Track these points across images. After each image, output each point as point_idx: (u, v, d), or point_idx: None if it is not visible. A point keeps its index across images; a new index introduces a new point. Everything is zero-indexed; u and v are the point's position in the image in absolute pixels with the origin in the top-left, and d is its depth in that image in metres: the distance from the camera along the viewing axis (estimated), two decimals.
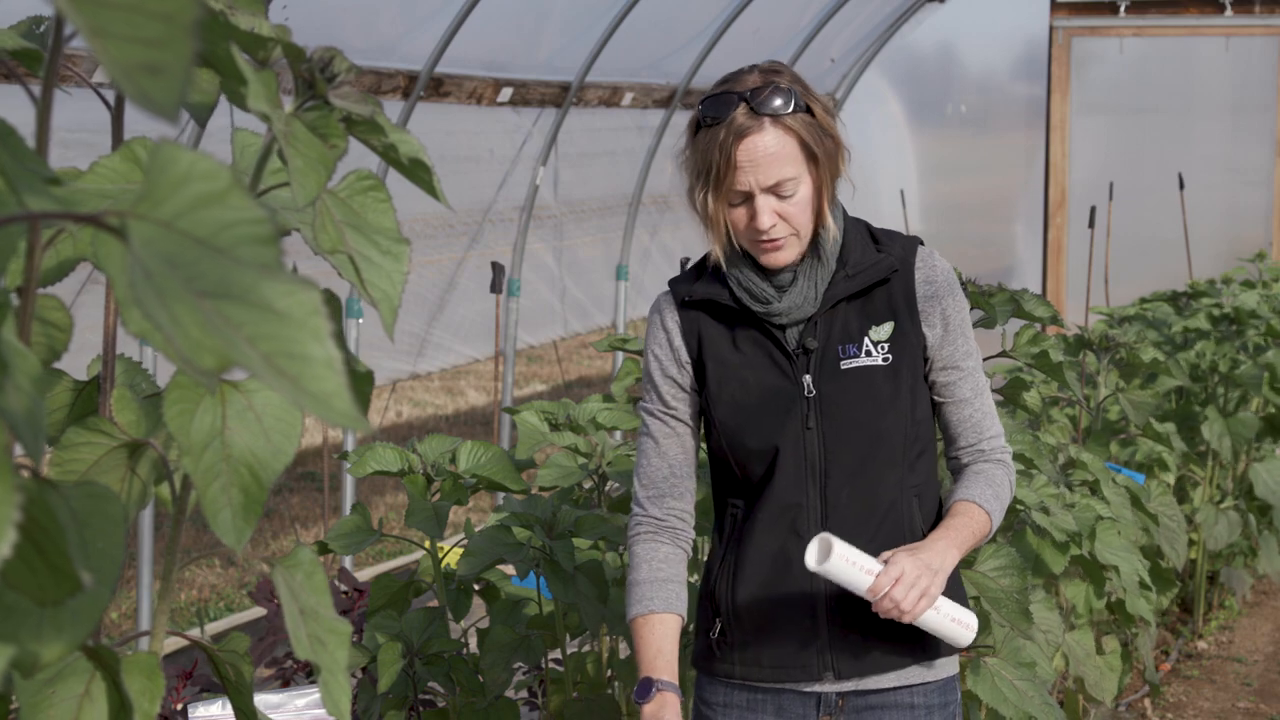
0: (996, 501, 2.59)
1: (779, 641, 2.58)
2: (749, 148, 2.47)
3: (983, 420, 2.62)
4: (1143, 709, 5.71)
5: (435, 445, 3.49)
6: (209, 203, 0.83)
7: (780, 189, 2.49)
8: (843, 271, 2.57)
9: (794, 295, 2.55)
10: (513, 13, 7.60)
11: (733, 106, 2.48)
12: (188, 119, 4.98)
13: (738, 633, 2.60)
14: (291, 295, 0.80)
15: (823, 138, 2.51)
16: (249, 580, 7.44)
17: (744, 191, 2.49)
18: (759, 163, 2.47)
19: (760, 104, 2.47)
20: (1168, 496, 5.04)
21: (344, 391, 0.80)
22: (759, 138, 2.47)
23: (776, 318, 2.57)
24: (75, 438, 1.32)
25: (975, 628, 2.55)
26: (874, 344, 2.56)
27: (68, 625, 0.94)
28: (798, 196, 2.50)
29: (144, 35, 0.74)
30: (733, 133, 2.47)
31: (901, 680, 2.60)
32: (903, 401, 2.55)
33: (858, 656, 2.57)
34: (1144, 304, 7.27)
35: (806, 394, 2.55)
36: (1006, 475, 2.63)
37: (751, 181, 2.48)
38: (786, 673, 2.58)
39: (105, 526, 0.93)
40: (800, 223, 2.52)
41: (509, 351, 7.95)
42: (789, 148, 2.48)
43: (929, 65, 11.19)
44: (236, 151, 1.34)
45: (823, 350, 2.56)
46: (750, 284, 2.57)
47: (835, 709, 2.60)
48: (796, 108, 2.49)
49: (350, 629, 1.26)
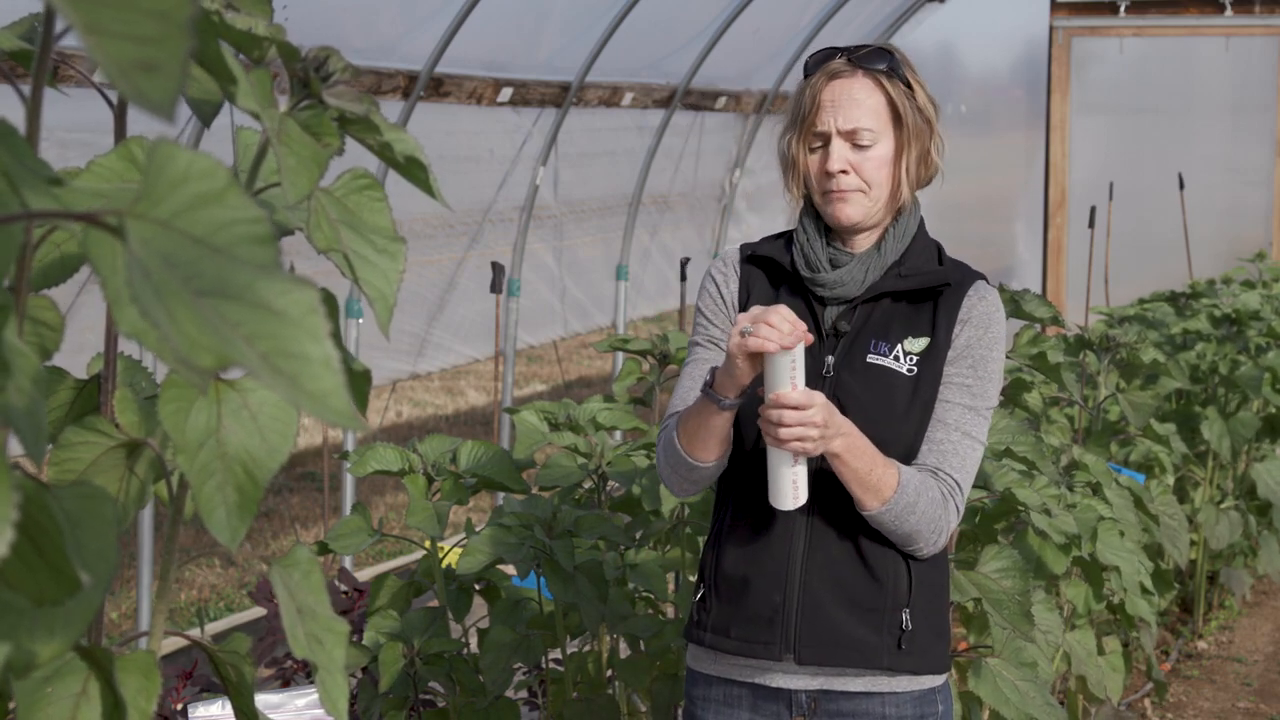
0: (915, 492, 2.48)
1: (748, 614, 2.58)
2: (835, 89, 2.53)
3: (951, 455, 2.54)
4: (1143, 709, 5.71)
5: (435, 445, 3.49)
6: (207, 202, 0.83)
7: (857, 137, 2.53)
8: (897, 269, 2.58)
9: (843, 272, 2.57)
10: (513, 13, 7.60)
11: (833, 58, 2.56)
12: (190, 118, 4.98)
13: (715, 601, 2.61)
14: (289, 294, 0.80)
15: (915, 110, 2.55)
16: (249, 580, 7.44)
17: (823, 133, 2.54)
18: (840, 104, 2.52)
19: (860, 58, 2.54)
20: (1168, 496, 5.04)
21: (341, 390, 0.80)
22: (848, 81, 2.53)
23: (820, 289, 2.58)
24: (73, 437, 1.32)
25: (797, 505, 2.46)
26: (905, 353, 2.56)
27: (60, 626, 0.94)
28: (873, 153, 2.53)
29: (139, 32, 0.74)
30: (824, 74, 2.55)
31: (872, 687, 2.57)
32: (914, 416, 2.54)
33: (822, 644, 2.55)
34: (1144, 304, 7.26)
35: (824, 374, 2.55)
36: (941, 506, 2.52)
37: (831, 122, 2.52)
38: (750, 647, 2.57)
39: (98, 527, 0.93)
40: (872, 179, 2.54)
41: (509, 351, 7.95)
42: (874, 100, 2.53)
43: (929, 65, 11.18)
44: (239, 150, 1.34)
45: (854, 338, 2.56)
46: (810, 249, 2.59)
47: (807, 711, 2.58)
48: (894, 73, 2.54)
49: (348, 628, 1.26)
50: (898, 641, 2.56)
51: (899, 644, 2.56)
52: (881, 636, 2.55)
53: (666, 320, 12.85)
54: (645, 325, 12.61)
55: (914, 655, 2.57)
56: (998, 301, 2.62)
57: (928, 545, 2.54)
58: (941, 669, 2.62)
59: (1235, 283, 7.81)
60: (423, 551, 3.54)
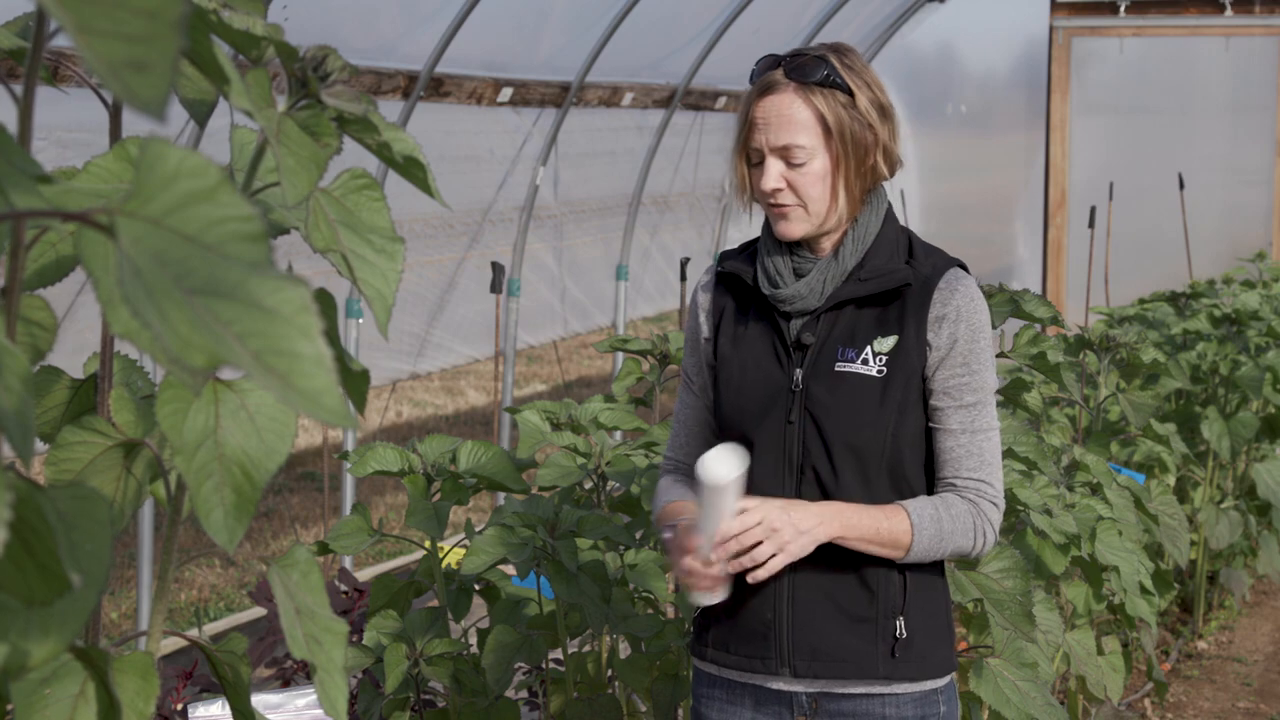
0: (933, 524, 2.49)
1: (744, 632, 2.59)
2: (766, 106, 2.50)
3: (965, 458, 2.54)
4: (1143, 709, 5.71)
5: (435, 445, 3.49)
6: (198, 200, 0.83)
7: (789, 154, 2.50)
8: (857, 274, 2.55)
9: (801, 285, 2.55)
10: (513, 13, 7.60)
11: (771, 68, 2.52)
12: (187, 119, 4.98)
13: (713, 619, 2.63)
14: (280, 292, 0.80)
15: (852, 121, 2.50)
16: (249, 580, 7.44)
17: (759, 150, 2.52)
18: (771, 122, 2.49)
19: (793, 70, 2.49)
20: (1168, 496, 5.04)
21: (333, 389, 0.80)
22: (778, 97, 2.49)
23: (781, 304, 2.56)
24: (71, 437, 1.31)
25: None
26: (874, 354, 2.53)
27: (54, 627, 0.94)
28: (808, 169, 2.50)
29: (129, 31, 0.73)
30: (757, 89, 2.52)
31: (871, 689, 2.56)
32: (886, 418, 2.51)
33: (815, 657, 2.54)
34: (1144, 304, 7.26)
35: (793, 388, 2.53)
36: (971, 514, 2.53)
37: (763, 140, 2.50)
38: (749, 663, 2.59)
39: (92, 528, 0.92)
40: (808, 196, 2.51)
41: (509, 351, 7.95)
42: (806, 115, 2.49)
43: (929, 65, 11.19)
44: (235, 149, 1.34)
45: (819, 348, 2.54)
46: (770, 263, 2.58)
47: (809, 711, 2.58)
48: (830, 83, 2.49)
49: (347, 629, 1.26)
50: (891, 650, 2.54)
51: (892, 652, 2.54)
52: (875, 645, 2.54)
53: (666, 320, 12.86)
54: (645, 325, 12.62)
55: (910, 662, 2.55)
56: (973, 287, 2.57)
57: (977, 551, 2.56)
58: (942, 672, 2.60)
59: (1235, 283, 7.81)
60: (422, 551, 3.54)
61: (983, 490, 2.55)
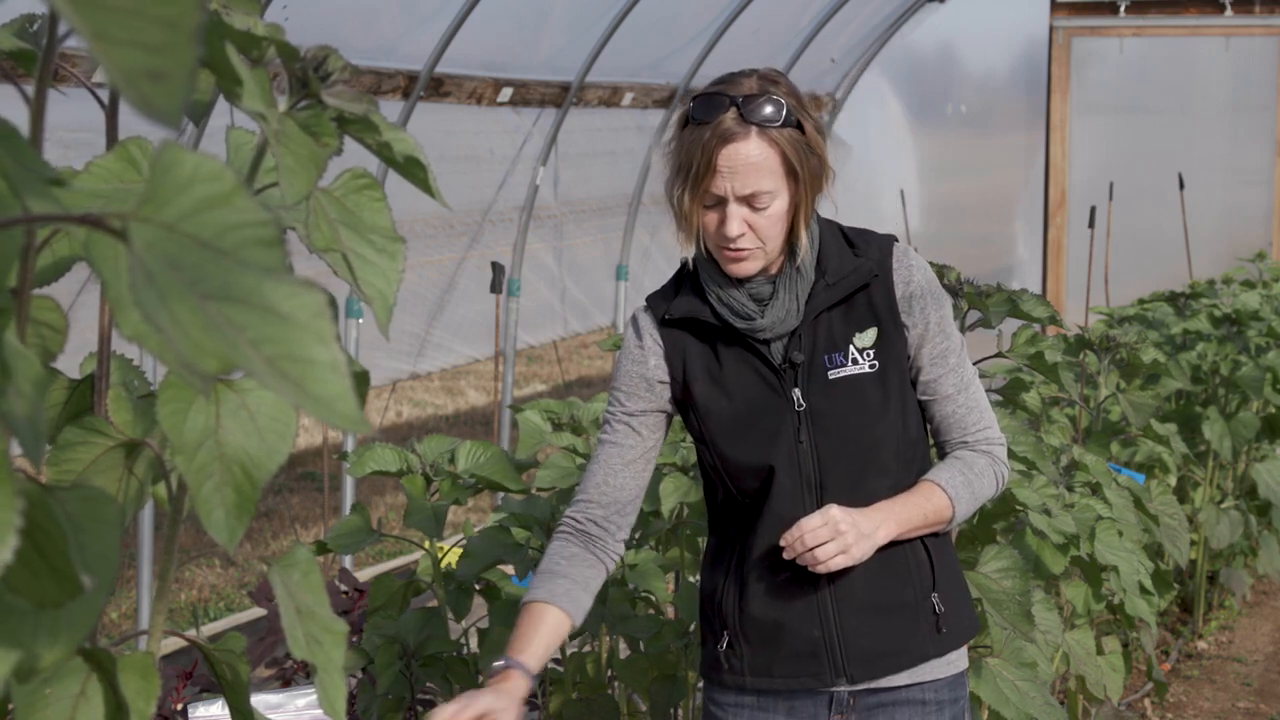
0: (966, 487, 2.56)
1: (789, 653, 2.57)
2: (731, 154, 2.44)
3: (967, 415, 2.60)
4: (1143, 709, 5.71)
5: (434, 445, 3.49)
6: (214, 205, 0.82)
7: (755, 200, 2.46)
8: (823, 281, 2.54)
9: (776, 310, 2.52)
10: (513, 13, 7.60)
11: (723, 109, 2.45)
12: (187, 119, 4.98)
13: (747, 646, 2.59)
14: (296, 298, 0.80)
15: (808, 156, 2.48)
16: (249, 580, 7.44)
17: (719, 196, 2.46)
18: (738, 170, 2.44)
19: (750, 112, 2.43)
20: (1168, 496, 5.04)
21: (349, 394, 0.80)
22: (742, 145, 2.44)
23: (760, 333, 2.54)
24: (72, 437, 1.31)
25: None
26: (859, 351, 2.54)
27: (64, 629, 0.94)
28: (770, 210, 2.47)
29: (146, 40, 0.73)
30: (717, 136, 2.44)
31: (914, 678, 2.60)
32: (893, 407, 2.53)
33: (870, 660, 2.56)
34: (1144, 304, 7.26)
35: (796, 408, 2.52)
36: (990, 465, 2.60)
37: (728, 188, 2.45)
38: (800, 681, 2.58)
39: (100, 529, 0.92)
40: (768, 236, 2.48)
41: (509, 351, 7.95)
42: (771, 160, 2.45)
43: (929, 65, 11.19)
44: (231, 150, 1.34)
45: (809, 362, 2.53)
46: (731, 300, 2.54)
47: (847, 707, 2.59)
48: (786, 122, 2.45)
49: (347, 628, 1.26)
50: (935, 626, 2.58)
51: (937, 628, 2.59)
52: (918, 627, 2.57)
53: None
54: None
55: (950, 632, 2.61)
56: (917, 256, 2.60)
57: (1000, 489, 2.64)
58: (976, 628, 2.69)
59: (1235, 283, 7.81)
60: (422, 551, 3.54)
61: (990, 438, 2.62)
